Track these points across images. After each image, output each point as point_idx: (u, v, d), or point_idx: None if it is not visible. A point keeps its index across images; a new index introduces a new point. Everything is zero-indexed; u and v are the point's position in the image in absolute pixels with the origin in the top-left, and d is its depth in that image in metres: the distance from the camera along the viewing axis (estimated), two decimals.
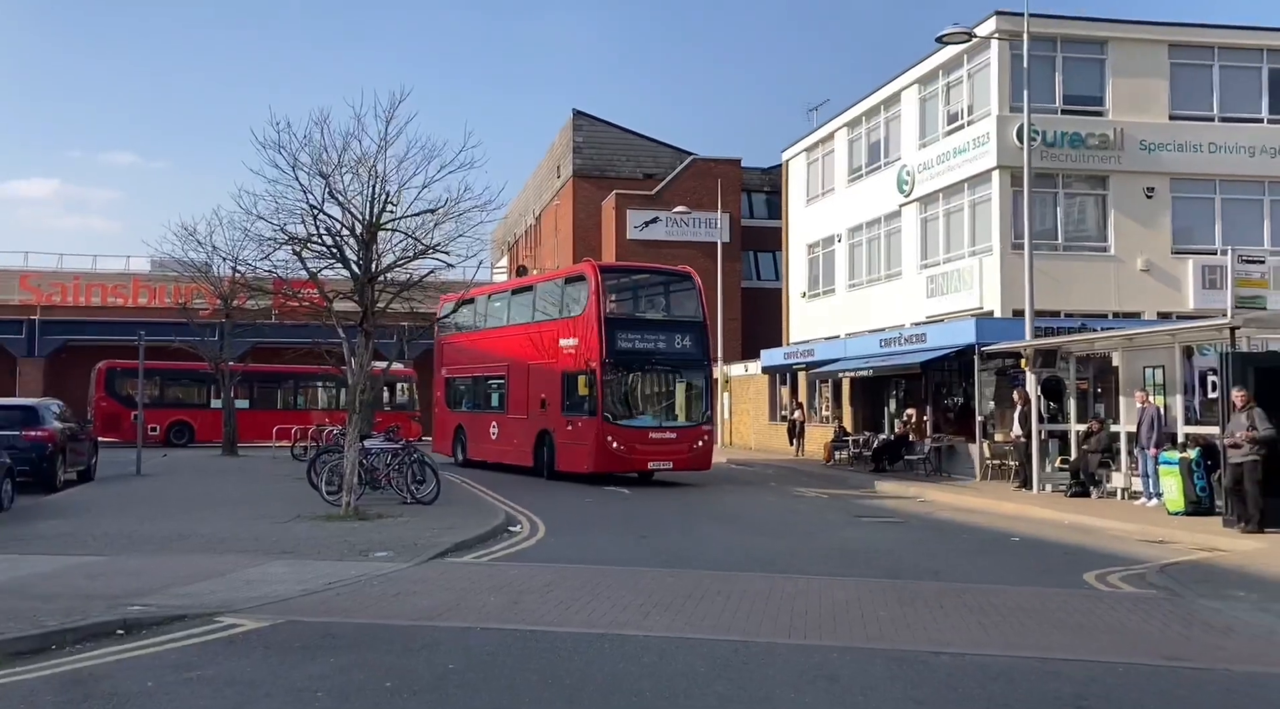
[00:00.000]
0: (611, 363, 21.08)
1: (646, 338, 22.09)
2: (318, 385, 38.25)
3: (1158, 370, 17.87)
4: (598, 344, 21.02)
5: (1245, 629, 8.48)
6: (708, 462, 22.68)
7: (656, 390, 22.90)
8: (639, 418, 21.85)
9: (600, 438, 20.94)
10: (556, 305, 23.68)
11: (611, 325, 21.42)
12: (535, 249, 57.08)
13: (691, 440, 21.91)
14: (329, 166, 15.46)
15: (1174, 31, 26.25)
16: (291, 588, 9.41)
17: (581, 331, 21.77)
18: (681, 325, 22.71)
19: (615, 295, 23.57)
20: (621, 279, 25.09)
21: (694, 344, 22.43)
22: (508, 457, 24.66)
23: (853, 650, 7.44)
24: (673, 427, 22.10)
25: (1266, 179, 26.11)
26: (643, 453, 21.39)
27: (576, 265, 24.80)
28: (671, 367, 22.46)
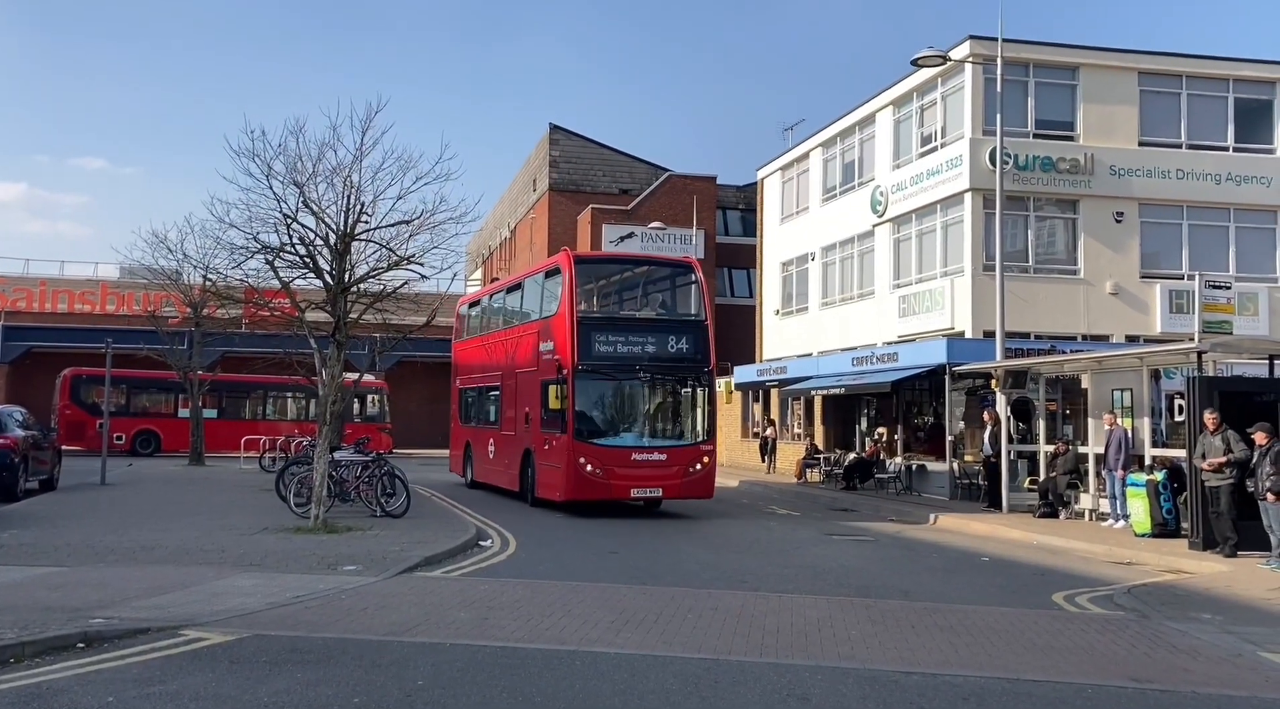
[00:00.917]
0: (585, 369, 18.02)
1: (633, 340, 18.74)
2: (287, 396, 37.93)
3: (1126, 393, 18.06)
4: (569, 348, 18.04)
5: (1211, 651, 8.55)
6: (708, 488, 19.08)
7: (644, 402, 19.38)
8: (620, 435, 18.72)
9: (571, 460, 17.84)
10: (538, 303, 20.80)
11: (586, 326, 18.37)
12: (510, 262, 56.97)
13: (686, 462, 18.63)
14: (303, 176, 15.39)
15: (1144, 59, 26.66)
16: (258, 601, 9.29)
17: (557, 333, 18.86)
18: (678, 325, 19.54)
19: (597, 291, 20.81)
20: (605, 271, 21.55)
21: (692, 347, 19.16)
22: (501, 478, 21.98)
23: (824, 670, 7.42)
24: (662, 446, 18.76)
25: (1232, 206, 26.54)
26: (623, 478, 18.11)
27: (554, 256, 20.97)
28: (664, 373, 19.04)
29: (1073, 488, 18.79)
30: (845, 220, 31.11)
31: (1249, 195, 26.51)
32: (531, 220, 51.35)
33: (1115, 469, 17.06)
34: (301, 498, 15.84)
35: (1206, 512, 14.34)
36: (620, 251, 22.66)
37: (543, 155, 49.37)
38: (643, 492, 18.46)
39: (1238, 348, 16.60)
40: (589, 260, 21.27)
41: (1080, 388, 19.78)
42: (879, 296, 28.99)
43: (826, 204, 32.82)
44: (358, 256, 16.04)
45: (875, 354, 26.60)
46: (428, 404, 44.23)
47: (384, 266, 16.47)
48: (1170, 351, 17.39)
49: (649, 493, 18.50)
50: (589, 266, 20.47)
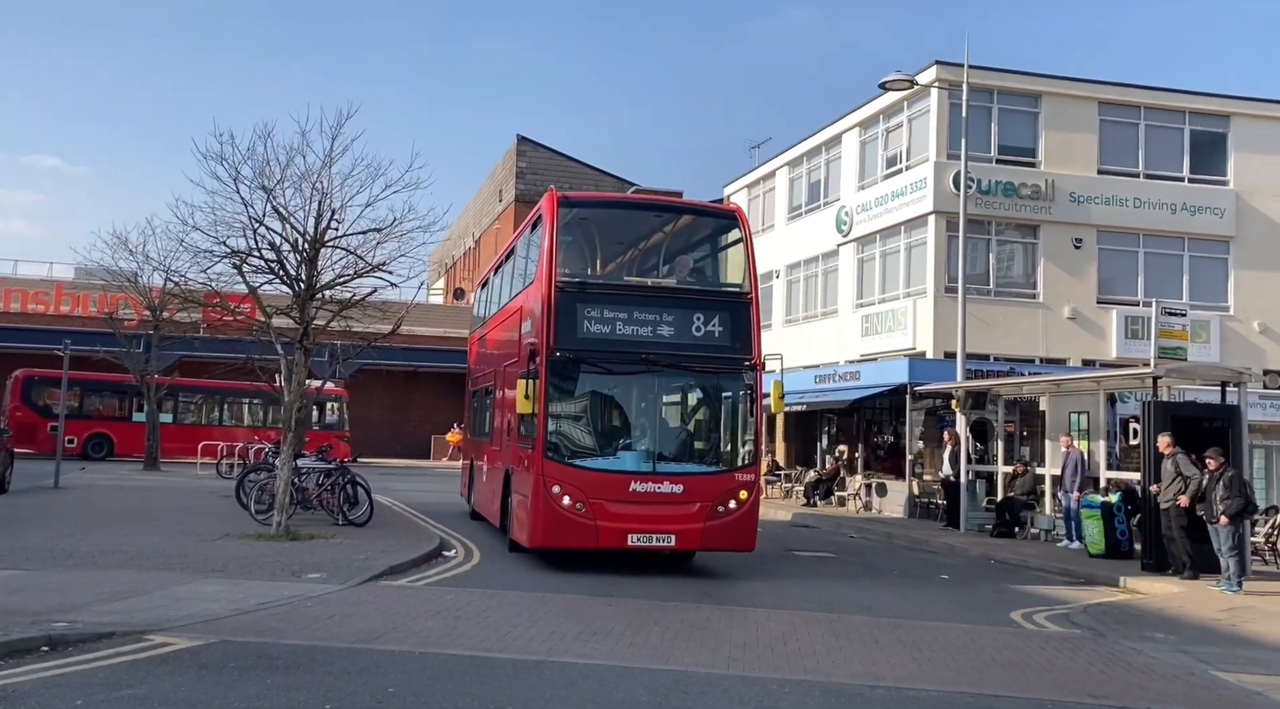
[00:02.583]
0: (565, 357, 12.47)
1: (639, 318, 12.88)
2: (245, 401, 37.49)
3: (1083, 416, 18.43)
4: (544, 327, 12.58)
5: (1164, 669, 8.76)
6: (746, 536, 12.95)
7: (653, 408, 13.51)
8: (615, 455, 12.76)
9: (540, 488, 12.33)
10: (524, 270, 15.15)
11: (568, 296, 12.71)
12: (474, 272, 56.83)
13: (714, 497, 12.60)
14: (271, 180, 15.31)
15: (1104, 89, 27.26)
16: (223, 607, 9.21)
17: (533, 308, 13.38)
18: (709, 299, 13.49)
19: (594, 249, 14.88)
20: (606, 222, 14.81)
21: (729, 331, 13.15)
22: (488, 509, 16.69)
23: (790, 683, 7.51)
24: (678, 472, 12.68)
25: (1186, 235, 27.18)
26: (617, 518, 12.34)
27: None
28: (686, 367, 13.10)
29: (1029, 508, 19.11)
30: (810, 239, 31.44)
31: (1202, 225, 27.17)
32: (496, 231, 51.32)
33: (1071, 490, 17.38)
34: (263, 505, 15.70)
35: (1160, 534, 14.66)
36: (630, 194, 15.74)
37: (509, 166, 49.42)
38: (645, 539, 12.42)
39: (1192, 374, 17.01)
40: (581, 203, 14.21)
41: (1038, 410, 20.15)
42: (842, 315, 29.31)
43: (792, 222, 33.15)
44: (324, 263, 15.99)
45: (838, 372, 26.89)
46: (388, 413, 43.99)
47: (351, 274, 16.43)
48: (1126, 376, 17.77)
49: (655, 541, 12.47)
50: (582, 213, 14.04)
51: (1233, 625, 11.10)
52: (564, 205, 13.42)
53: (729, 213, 15.13)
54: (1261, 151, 27.78)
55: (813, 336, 30.91)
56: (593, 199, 15.07)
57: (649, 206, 14.87)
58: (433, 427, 44.79)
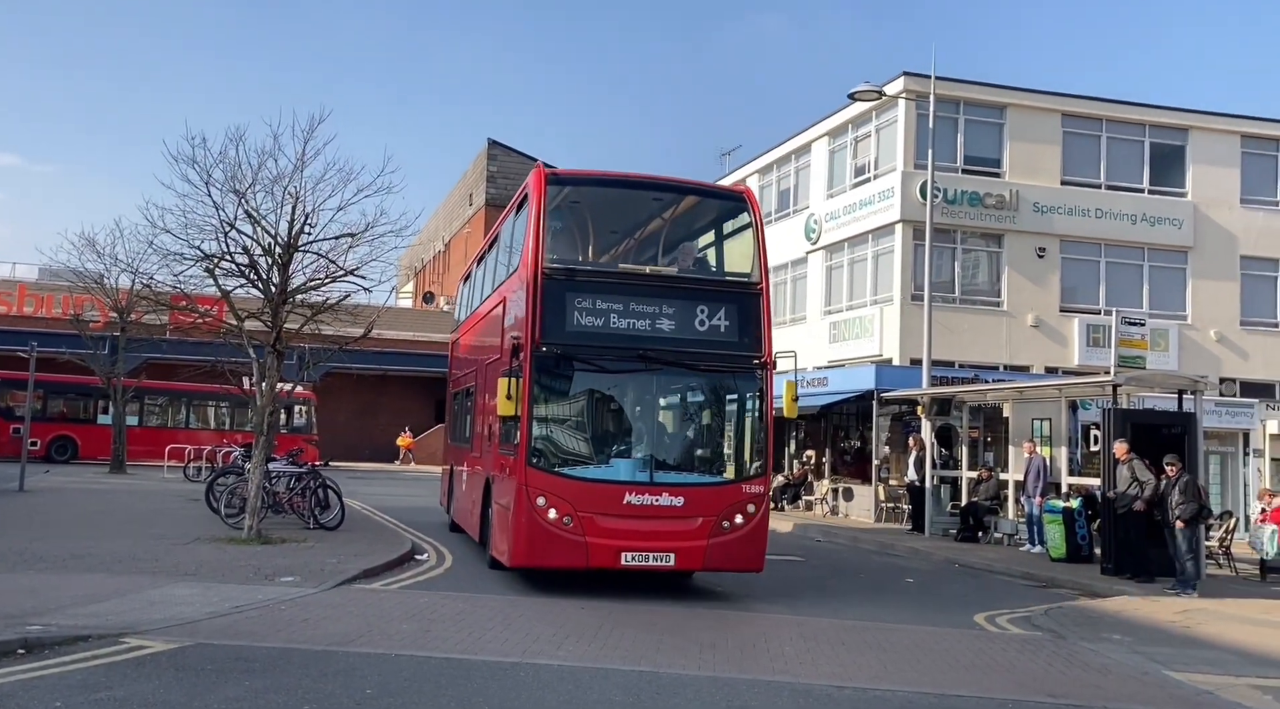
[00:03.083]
0: (552, 352, 11.25)
1: (636, 310, 11.66)
2: (213, 404, 37.24)
3: (1045, 422, 18.80)
4: (529, 318, 11.34)
5: (1120, 669, 9.04)
6: (754, 554, 11.66)
7: (650, 411, 12.20)
8: (608, 463, 11.50)
9: (523, 499, 11.08)
10: (508, 257, 13.77)
11: (555, 283, 11.49)
12: (443, 276, 56.79)
13: (717, 511, 11.37)
14: (243, 184, 15.32)
15: (1067, 102, 27.79)
16: (198, 610, 9.26)
17: (517, 297, 12.12)
18: (714, 290, 12.37)
19: (585, 233, 13.83)
20: (599, 202, 13.49)
21: (737, 325, 12.00)
22: (468, 521, 15.35)
23: (760, 684, 7.70)
24: (678, 482, 11.42)
25: (1146, 246, 27.76)
26: (609, 534, 11.08)
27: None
28: (688, 366, 11.84)
29: (993, 513, 19.45)
30: (779, 246, 31.68)
31: (1162, 236, 27.76)
32: (467, 234, 51.33)
33: (1034, 496, 17.73)
34: (233, 509, 15.69)
35: (1118, 538, 15.02)
36: (627, 172, 13.88)
37: (480, 170, 49.44)
38: (641, 558, 11.13)
39: (1150, 382, 17.41)
40: (573, 181, 12.88)
41: (1002, 416, 20.51)
42: (810, 322, 29.64)
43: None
44: (296, 267, 16.01)
45: (805, 378, 27.15)
46: (356, 417, 43.84)
47: (323, 278, 16.45)
48: (1087, 384, 18.17)
49: (652, 560, 11.17)
50: (573, 192, 12.84)
51: (1186, 627, 11.43)
52: (553, 183, 12.02)
53: (737, 194, 13.38)
54: (1218, 164, 28.44)
55: (781, 343, 31.08)
56: (585, 176, 13.09)
57: (648, 186, 13.08)
58: (401, 430, 44.68)
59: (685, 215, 13.58)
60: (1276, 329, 28.84)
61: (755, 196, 13.21)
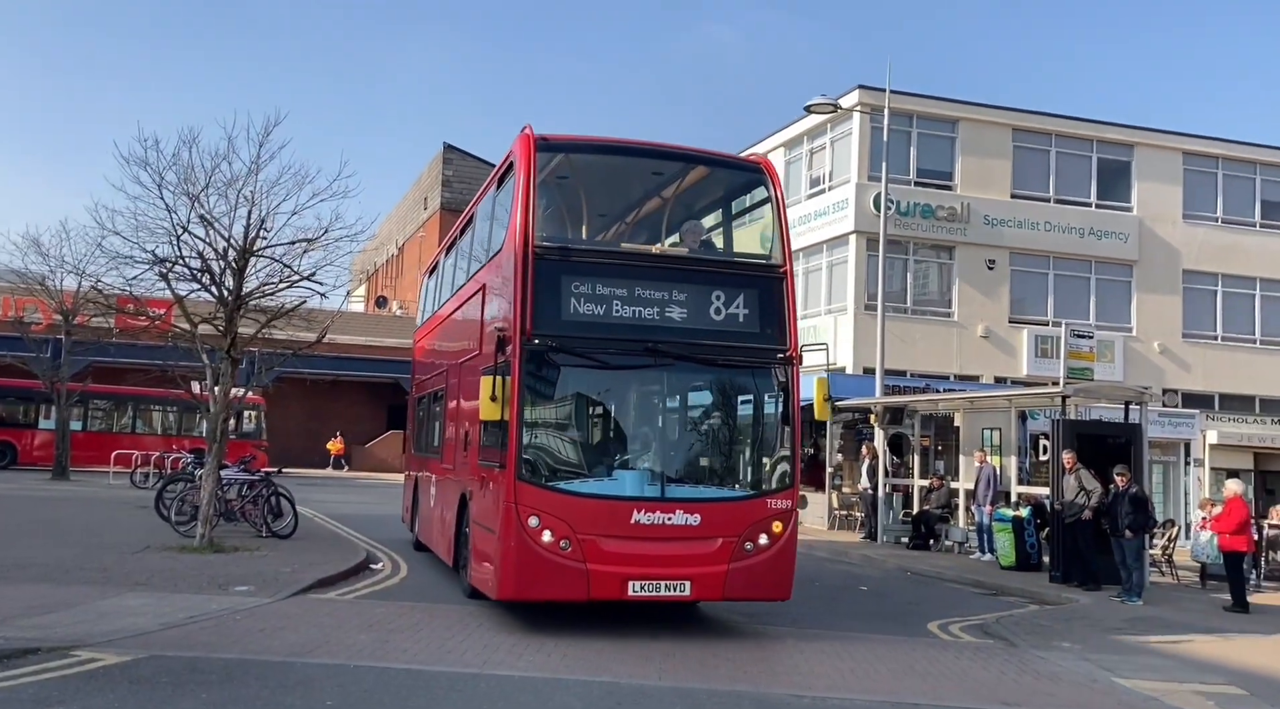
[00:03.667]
0: (545, 344, 9.61)
1: (640, 295, 10.05)
2: (160, 409, 36.60)
3: (995, 432, 19.12)
4: (518, 305, 9.68)
5: (1071, 677, 9.23)
6: (779, 581, 10.09)
7: (659, 414, 10.68)
8: (611, 475, 9.91)
9: (512, 519, 9.41)
10: (486, 238, 12.12)
11: (548, 265, 9.86)
12: (396, 280, 56.39)
13: (739, 530, 9.81)
14: (197, 187, 15.12)
15: (1017, 117, 28.33)
16: (150, 621, 9.12)
17: (503, 282, 10.40)
18: (731, 273, 10.70)
19: (579, 208, 12.28)
20: (597, 173, 11.95)
21: (757, 314, 10.46)
22: (439, 541, 13.79)
23: (720, 694, 7.75)
24: (693, 498, 9.84)
25: (1093, 259, 28.37)
26: (614, 560, 9.45)
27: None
28: (702, 361, 10.23)
29: (944, 521, 19.73)
30: None
31: (1108, 250, 28.39)
32: (421, 238, 51.03)
33: (984, 504, 18.02)
34: (184, 516, 15.46)
35: (1066, 547, 15.33)
36: (626, 139, 11.64)
37: (435, 174, 49.19)
38: (651, 587, 9.56)
39: (1097, 393, 17.79)
40: (566, 147, 11.08)
41: (953, 425, 20.81)
42: None
43: None
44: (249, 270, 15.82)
45: None
46: (307, 422, 43.31)
47: (276, 282, 16.27)
48: (1037, 394, 18.51)
49: (664, 590, 9.59)
50: (566, 160, 11.22)
51: (1133, 635, 11.70)
52: (543, 148, 10.38)
53: (754, 165, 11.52)
54: (1161, 180, 29.17)
55: None
56: (581, 142, 11.30)
57: (653, 153, 11.32)
58: (353, 436, 44.23)
59: (694, 189, 11.91)
60: (1217, 342, 29.60)
61: (775, 168, 11.49)
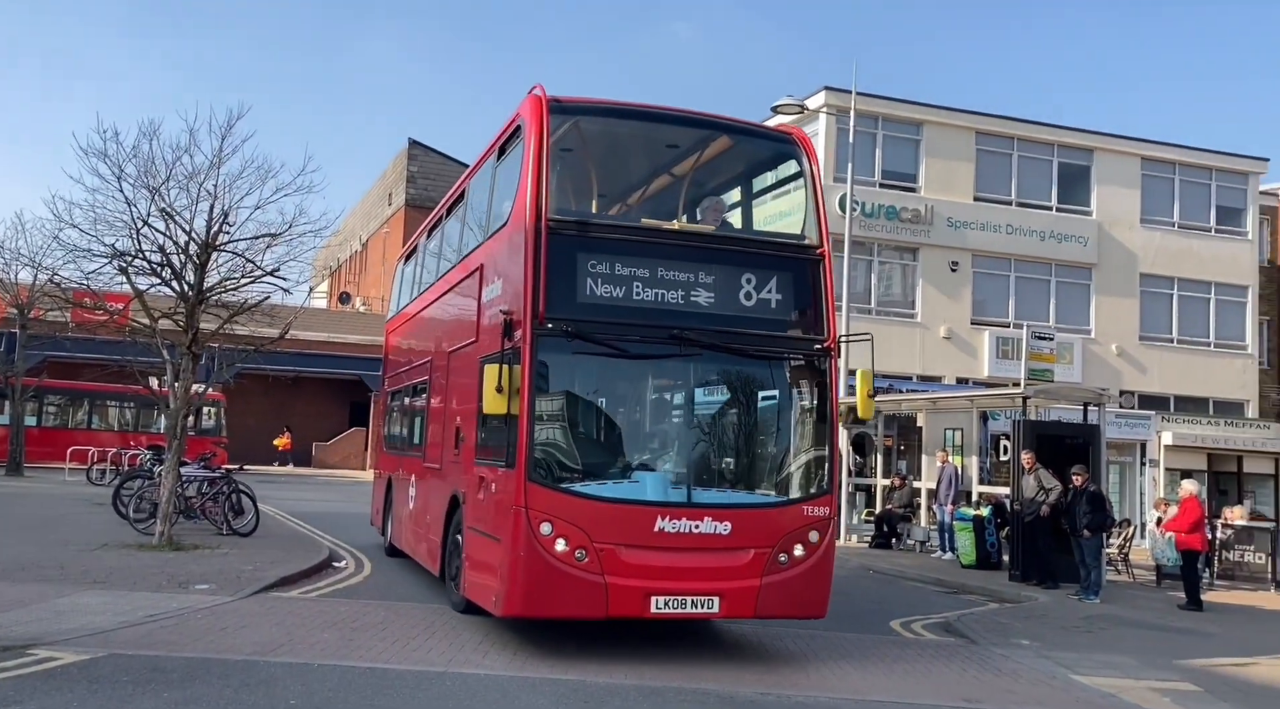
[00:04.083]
0: (558, 329, 8.57)
1: (664, 277, 9.10)
2: (118, 405, 36.05)
3: (957, 432, 19.34)
4: (526, 286, 8.66)
5: (1030, 674, 9.36)
6: (815, 597, 9.17)
7: (685, 410, 9.61)
8: (631, 476, 8.90)
9: (524, 529, 8.41)
10: (485, 213, 10.98)
11: (563, 243, 8.85)
12: (360, 276, 55.95)
13: (773, 540, 8.89)
14: (157, 180, 14.92)
15: (981, 120, 28.64)
16: (109, 620, 8.99)
17: (508, 259, 9.40)
18: (763, 253, 9.68)
19: (583, 178, 11.14)
20: (607, 138, 10.82)
21: (791, 300, 9.58)
22: (419, 547, 12.76)
23: (687, 692, 7.78)
24: (722, 503, 8.93)
25: (1054, 262, 28.75)
26: (636, 572, 8.49)
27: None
28: (731, 352, 9.25)
29: (906, 521, 19.92)
30: None
31: (1068, 253, 28.78)
32: (385, 235, 50.65)
33: (945, 504, 18.21)
34: (143, 513, 15.26)
35: (1026, 546, 15.53)
36: (645, 103, 10.31)
37: (400, 169, 48.86)
38: (677, 604, 8.59)
39: (1058, 395, 18.05)
40: (580, 110, 9.84)
41: (916, 426, 21.02)
42: None
43: None
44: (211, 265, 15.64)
45: None
46: (268, 419, 42.86)
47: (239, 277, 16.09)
48: (998, 395, 18.74)
49: (690, 606, 8.63)
50: (579, 125, 9.99)
51: (1090, 632, 11.88)
52: (556, 111, 9.28)
53: (786, 136, 10.56)
54: (1120, 185, 29.62)
55: None
56: (596, 106, 9.99)
57: (673, 120, 10.22)
58: (315, 433, 43.85)
59: (718, 161, 10.91)
60: (1172, 345, 30.11)
61: (808, 140, 10.35)
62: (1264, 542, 17.44)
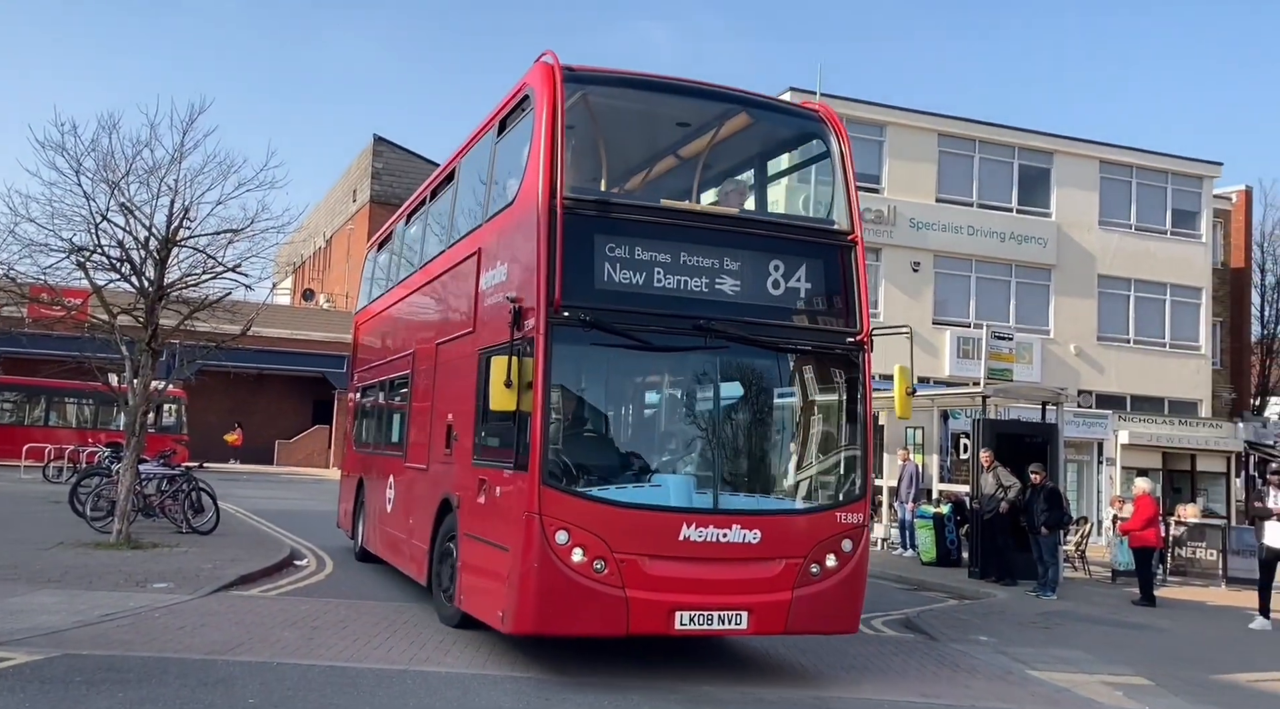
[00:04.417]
0: (576, 318, 7.85)
1: (688, 263, 8.43)
2: (75, 402, 35.50)
3: (918, 431, 19.53)
4: (540, 271, 7.94)
5: (988, 670, 9.50)
6: (849, 609, 8.55)
7: (710, 408, 8.57)
8: (653, 480, 8.29)
9: (538, 538, 7.66)
10: (482, 194, 10.17)
11: (580, 224, 8.14)
12: (324, 273, 55.50)
13: (803, 549, 8.26)
14: (117, 174, 14.75)
15: (943, 122, 28.94)
16: (64, 619, 8.88)
17: (515, 242, 8.68)
18: (793, 237, 9.07)
19: (594, 154, 10.37)
20: (622, 111, 9.92)
21: (822, 290, 9.00)
22: (400, 554, 11.89)
23: (650, 689, 7.81)
24: (752, 511, 8.29)
25: (1014, 262, 29.12)
26: (659, 584, 7.80)
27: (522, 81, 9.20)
28: (759, 344, 8.61)
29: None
30: None
31: (1028, 254, 29.16)
32: (350, 231, 50.28)
33: (906, 502, 18.40)
34: (100, 511, 15.06)
35: (985, 543, 15.74)
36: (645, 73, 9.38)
37: (364, 166, 48.54)
38: (703, 619, 7.91)
39: (1017, 394, 18.28)
40: (594, 80, 9.03)
41: (877, 424, 21.19)
42: None
43: None
44: (171, 261, 15.48)
45: None
46: (229, 416, 42.43)
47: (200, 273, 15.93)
48: (958, 395, 18.95)
49: (717, 622, 7.94)
50: (587, 97, 9.13)
51: (1047, 628, 12.07)
52: (571, 80, 8.52)
53: (811, 113, 9.69)
54: (1079, 187, 30.05)
55: None
56: (610, 75, 9.14)
57: (693, 93, 9.41)
58: (277, 431, 43.47)
59: (733, 140, 10.18)
60: (1129, 345, 30.59)
61: (836, 118, 9.54)
62: (1215, 538, 17.78)
